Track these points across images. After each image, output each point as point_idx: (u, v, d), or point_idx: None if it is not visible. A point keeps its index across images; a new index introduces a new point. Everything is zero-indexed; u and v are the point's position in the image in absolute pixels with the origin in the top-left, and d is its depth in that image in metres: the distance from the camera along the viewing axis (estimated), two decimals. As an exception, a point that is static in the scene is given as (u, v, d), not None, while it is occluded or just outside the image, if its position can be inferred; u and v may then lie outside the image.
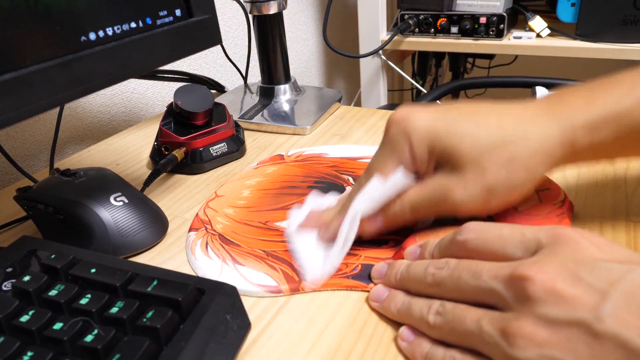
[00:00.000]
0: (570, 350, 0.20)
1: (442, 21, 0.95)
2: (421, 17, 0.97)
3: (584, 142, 0.28)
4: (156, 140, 0.51)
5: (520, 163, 0.28)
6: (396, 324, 0.29)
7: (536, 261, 0.23)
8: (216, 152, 0.50)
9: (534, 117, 0.29)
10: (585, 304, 0.20)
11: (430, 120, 0.30)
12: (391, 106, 1.05)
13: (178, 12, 0.37)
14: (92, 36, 0.31)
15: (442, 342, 0.26)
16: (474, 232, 0.27)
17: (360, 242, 0.35)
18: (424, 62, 1.29)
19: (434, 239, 0.31)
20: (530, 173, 0.29)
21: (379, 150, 0.33)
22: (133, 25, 0.33)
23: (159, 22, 0.35)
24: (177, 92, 0.49)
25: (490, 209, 0.31)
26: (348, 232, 0.32)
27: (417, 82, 1.27)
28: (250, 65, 0.75)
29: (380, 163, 0.32)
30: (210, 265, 0.34)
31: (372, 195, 0.32)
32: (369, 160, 0.47)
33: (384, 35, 1.04)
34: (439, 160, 0.30)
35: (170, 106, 0.51)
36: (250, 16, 0.61)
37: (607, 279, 0.21)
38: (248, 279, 0.33)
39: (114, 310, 0.26)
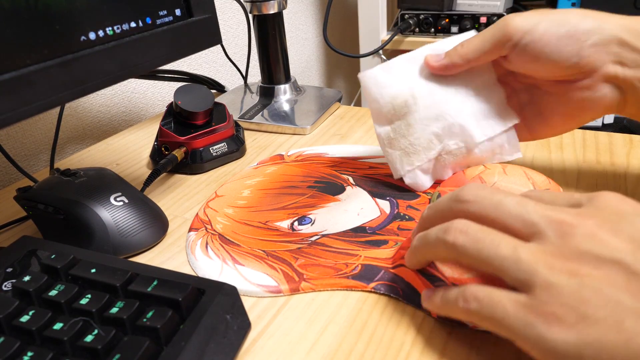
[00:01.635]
0: (608, 281, 0.21)
1: (442, 21, 0.95)
2: (421, 16, 0.97)
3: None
4: (156, 140, 0.51)
5: (573, 38, 0.33)
6: (396, 324, 0.29)
7: (579, 212, 0.24)
8: (216, 152, 0.50)
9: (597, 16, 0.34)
10: (624, 249, 0.22)
11: (532, 22, 0.34)
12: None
13: (178, 12, 0.37)
14: (92, 36, 0.31)
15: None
16: (518, 200, 0.26)
17: (360, 242, 0.35)
18: (424, 62, 1.29)
19: None
20: (576, 49, 0.33)
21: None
22: (133, 24, 0.33)
23: (158, 21, 0.35)
24: (177, 92, 0.49)
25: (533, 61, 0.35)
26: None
27: (417, 82, 1.26)
28: (250, 65, 0.75)
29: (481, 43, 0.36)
30: (210, 265, 0.34)
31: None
32: (369, 160, 0.48)
33: (384, 35, 1.04)
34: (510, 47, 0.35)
35: (170, 106, 0.51)
36: (250, 16, 0.61)
37: None
38: (248, 279, 0.33)
39: (114, 310, 0.26)
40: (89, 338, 0.24)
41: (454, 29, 0.95)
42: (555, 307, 0.21)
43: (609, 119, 0.61)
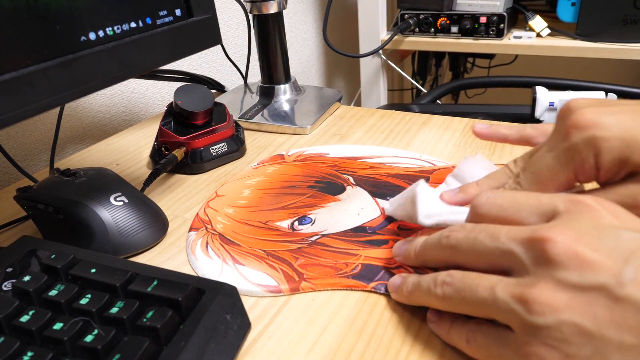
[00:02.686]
0: (589, 314, 0.20)
1: (442, 21, 0.95)
2: (421, 16, 0.97)
3: None
4: (156, 140, 0.51)
5: None
6: (396, 324, 0.29)
7: (556, 224, 0.22)
8: (216, 152, 0.50)
9: None
10: (606, 269, 0.20)
11: (625, 126, 0.25)
12: (391, 106, 1.05)
13: (178, 12, 0.37)
14: (92, 36, 0.31)
15: (462, 315, 0.26)
16: (486, 197, 0.26)
17: (361, 242, 0.35)
18: (424, 62, 1.29)
19: None
20: None
21: (550, 153, 0.27)
22: (133, 25, 0.33)
23: (159, 22, 0.35)
24: (177, 92, 0.49)
25: None
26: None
27: (417, 82, 1.27)
28: (250, 65, 0.75)
29: (553, 172, 0.27)
30: (210, 265, 0.34)
31: None
32: (369, 160, 0.48)
33: (384, 35, 1.04)
34: (633, 170, 0.26)
35: (170, 106, 0.51)
36: (250, 16, 0.61)
37: (628, 246, 0.20)
38: (248, 278, 0.33)
39: (114, 310, 0.26)
40: (89, 338, 0.24)
41: (454, 29, 0.95)
42: (537, 348, 0.21)
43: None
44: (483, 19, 0.92)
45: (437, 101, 0.93)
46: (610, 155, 0.25)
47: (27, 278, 0.28)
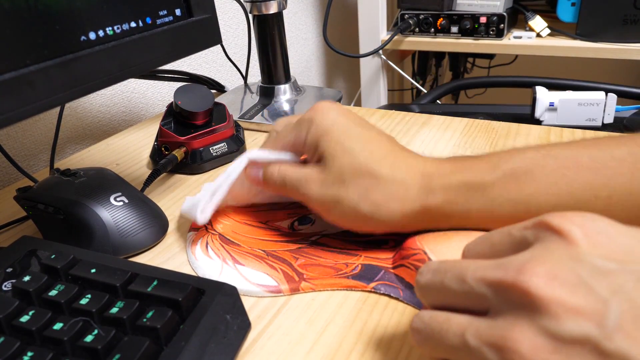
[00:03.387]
0: None
1: (442, 21, 0.95)
2: (421, 16, 0.97)
3: (438, 204, 0.31)
4: (156, 140, 0.51)
5: (374, 198, 0.31)
6: (396, 324, 0.29)
7: (527, 260, 0.20)
8: (216, 152, 0.50)
9: (409, 166, 0.32)
10: (588, 315, 0.18)
11: (335, 123, 0.33)
12: (391, 106, 1.05)
13: (178, 12, 0.37)
14: (92, 36, 0.31)
15: None
16: (467, 248, 0.25)
17: (361, 242, 0.35)
18: (424, 62, 1.29)
19: (434, 241, 0.31)
20: (380, 211, 0.31)
21: (293, 122, 0.36)
22: (133, 24, 0.33)
23: (158, 21, 0.35)
24: (177, 92, 0.49)
25: (335, 221, 0.34)
26: (232, 171, 0.37)
27: (417, 82, 1.27)
28: (250, 65, 0.75)
29: (284, 134, 0.36)
30: (210, 265, 0.34)
31: (266, 154, 0.37)
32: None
33: (384, 35, 1.04)
34: (321, 157, 0.33)
35: (170, 106, 0.51)
36: (250, 16, 0.61)
37: (608, 284, 0.18)
38: (248, 278, 0.33)
39: (114, 310, 0.26)
40: (89, 338, 0.24)
41: (454, 29, 0.95)
42: None
43: (609, 119, 0.61)
44: (483, 19, 0.92)
45: (437, 101, 0.93)
46: (314, 138, 0.33)
47: (27, 278, 0.28)
